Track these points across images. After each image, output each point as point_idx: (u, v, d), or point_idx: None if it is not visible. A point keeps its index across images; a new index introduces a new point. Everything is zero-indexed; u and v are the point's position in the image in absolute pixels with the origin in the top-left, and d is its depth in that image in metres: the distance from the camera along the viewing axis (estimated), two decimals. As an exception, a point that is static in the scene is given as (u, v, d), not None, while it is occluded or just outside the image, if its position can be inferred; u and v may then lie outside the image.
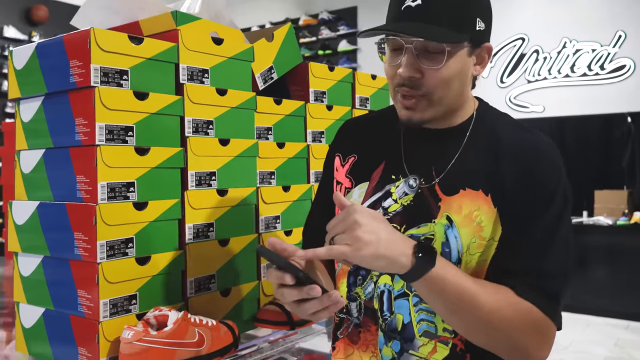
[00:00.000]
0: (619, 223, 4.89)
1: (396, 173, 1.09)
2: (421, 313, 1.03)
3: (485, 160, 1.03)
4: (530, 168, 1.00)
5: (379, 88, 1.92)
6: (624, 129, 5.34)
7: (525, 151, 1.02)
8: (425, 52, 0.98)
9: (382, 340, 1.08)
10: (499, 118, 1.10)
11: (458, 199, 1.02)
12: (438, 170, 1.05)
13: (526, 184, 0.99)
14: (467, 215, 1.01)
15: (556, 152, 1.03)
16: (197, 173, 1.31)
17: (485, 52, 1.04)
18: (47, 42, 1.21)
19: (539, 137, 1.05)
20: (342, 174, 1.18)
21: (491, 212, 1.00)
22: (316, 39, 7.48)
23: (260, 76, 1.54)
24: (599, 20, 5.55)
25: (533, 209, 0.99)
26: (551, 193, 0.99)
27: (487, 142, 1.05)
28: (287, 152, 1.57)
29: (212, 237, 1.34)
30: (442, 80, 0.99)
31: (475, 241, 1.00)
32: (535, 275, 0.97)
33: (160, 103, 1.23)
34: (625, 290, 4.70)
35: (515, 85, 6.03)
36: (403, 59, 0.99)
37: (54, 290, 1.21)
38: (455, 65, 0.99)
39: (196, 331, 1.16)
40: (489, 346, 0.97)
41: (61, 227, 1.17)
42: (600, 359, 3.88)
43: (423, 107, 1.01)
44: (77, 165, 1.16)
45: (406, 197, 1.07)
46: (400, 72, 0.99)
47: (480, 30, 1.00)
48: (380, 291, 1.08)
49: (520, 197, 0.99)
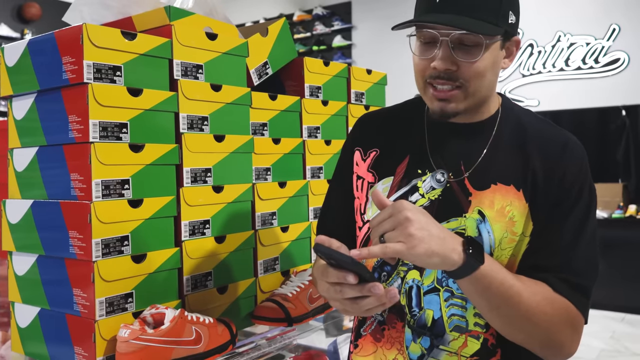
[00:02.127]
0: (614, 216, 4.91)
1: (422, 167, 1.09)
2: (452, 308, 1.03)
3: (514, 155, 1.04)
4: (559, 164, 1.01)
5: (374, 83, 1.91)
6: (618, 122, 5.35)
7: (553, 146, 1.03)
8: (460, 45, 0.98)
9: (410, 337, 1.07)
10: (524, 114, 1.11)
11: (489, 194, 1.02)
12: (467, 165, 1.05)
13: (556, 180, 1.00)
14: (500, 210, 1.01)
15: (582, 148, 1.05)
16: (193, 170, 1.30)
17: (514, 46, 1.05)
18: (39, 39, 1.19)
19: (563, 132, 1.06)
20: (363, 168, 1.17)
21: (523, 208, 1.01)
22: (310, 34, 7.46)
23: (255, 71, 1.53)
24: (593, 13, 5.55)
25: (563, 206, 1.00)
26: (580, 189, 1.01)
27: (514, 137, 1.06)
28: (283, 148, 1.56)
29: (208, 234, 1.33)
30: (477, 73, 0.99)
31: (507, 236, 1.00)
32: (569, 272, 0.98)
33: (154, 99, 1.22)
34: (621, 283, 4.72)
35: (510, 80, 6.03)
36: (438, 52, 0.98)
37: (49, 290, 1.20)
38: (489, 58, 0.99)
39: (193, 329, 1.15)
40: (525, 342, 0.97)
41: (56, 226, 1.16)
42: (596, 351, 3.90)
43: (458, 98, 1.01)
44: (71, 163, 1.15)
45: (433, 191, 1.06)
46: (436, 64, 0.99)
47: (512, 23, 1.01)
48: (409, 287, 1.07)
49: (551, 194, 1.00)
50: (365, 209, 1.13)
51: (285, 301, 1.39)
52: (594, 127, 5.56)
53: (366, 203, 1.14)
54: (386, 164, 1.14)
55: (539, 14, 5.82)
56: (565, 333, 0.96)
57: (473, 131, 1.07)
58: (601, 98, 5.50)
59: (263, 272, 1.49)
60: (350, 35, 7.23)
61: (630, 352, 3.90)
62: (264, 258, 1.49)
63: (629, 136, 5.29)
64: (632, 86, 5.37)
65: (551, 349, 0.97)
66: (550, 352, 0.98)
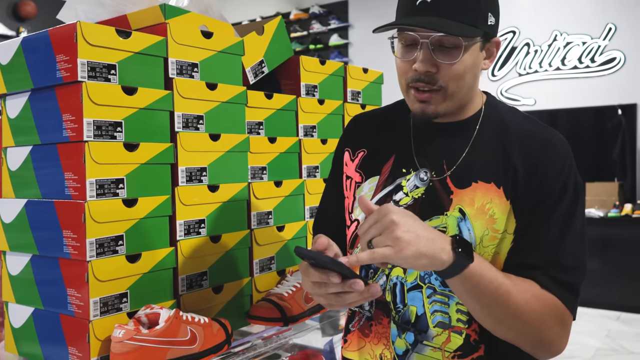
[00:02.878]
0: (610, 215, 4.91)
1: (406, 166, 1.10)
2: (435, 304, 1.04)
3: (495, 153, 1.04)
4: (540, 161, 1.01)
5: (371, 81, 1.91)
6: (614, 122, 5.36)
7: (535, 144, 1.03)
8: (440, 47, 0.99)
9: (395, 332, 1.08)
10: (507, 111, 1.11)
11: (470, 192, 1.03)
12: (449, 164, 1.06)
13: (538, 177, 1.00)
14: (480, 207, 1.02)
15: (565, 144, 1.05)
16: (188, 169, 1.29)
17: (494, 47, 1.06)
18: (33, 37, 1.19)
19: (547, 129, 1.06)
20: (351, 168, 1.19)
21: (504, 205, 1.01)
22: (307, 33, 7.45)
23: (250, 70, 1.52)
24: (589, 13, 5.56)
25: (547, 203, 1.00)
26: (564, 185, 1.00)
27: (496, 135, 1.06)
28: (279, 147, 1.56)
29: (204, 234, 1.33)
30: (457, 75, 1.00)
31: (488, 233, 1.01)
32: (556, 269, 0.98)
33: (149, 98, 1.21)
34: (616, 282, 4.73)
35: (506, 79, 6.03)
36: (419, 54, 1.00)
37: (43, 290, 1.19)
38: (469, 60, 1.00)
39: (188, 329, 1.15)
40: (515, 340, 0.98)
41: (50, 225, 1.15)
42: (592, 350, 3.91)
43: (437, 100, 1.02)
44: (65, 162, 1.14)
45: (417, 190, 1.07)
46: (416, 67, 1.00)
47: (491, 24, 1.02)
48: (393, 284, 1.08)
49: (534, 191, 1.00)
50: (353, 209, 1.15)
51: (281, 300, 1.38)
52: (590, 126, 5.57)
53: (353, 202, 1.15)
54: (373, 163, 1.15)
55: (535, 13, 5.82)
56: (554, 330, 0.97)
57: (456, 130, 1.08)
58: (597, 97, 5.50)
59: (259, 272, 1.48)
60: (346, 34, 7.22)
61: (626, 350, 3.91)
62: (260, 257, 1.49)
63: (625, 135, 5.30)
64: (628, 85, 5.38)
65: (541, 346, 0.97)
66: (540, 350, 0.98)
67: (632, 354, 3.85)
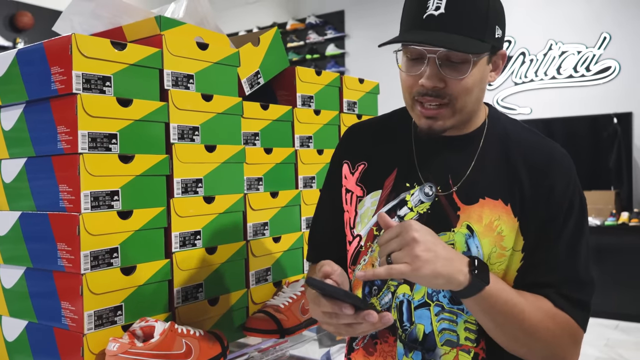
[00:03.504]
0: (607, 223, 4.92)
1: (410, 181, 1.08)
2: (443, 322, 1.03)
3: (501, 167, 1.04)
4: (546, 176, 1.01)
5: (367, 92, 1.91)
6: (610, 130, 5.37)
7: (538, 157, 1.03)
8: (448, 61, 0.97)
9: (402, 351, 1.06)
10: (509, 123, 1.10)
11: (478, 208, 1.02)
12: (455, 179, 1.05)
13: (545, 194, 1.00)
14: (488, 224, 1.01)
15: (568, 159, 1.05)
16: (183, 180, 1.29)
17: (500, 59, 1.04)
18: (28, 49, 1.18)
19: (549, 142, 1.06)
20: (352, 182, 1.16)
21: (511, 222, 1.00)
22: (304, 43, 7.47)
23: (246, 81, 1.52)
24: (584, 22, 5.59)
25: (556, 222, 1.00)
26: (570, 203, 1.01)
27: (500, 148, 1.05)
28: (275, 158, 1.55)
29: (199, 245, 1.32)
30: (465, 89, 0.98)
31: (496, 251, 1.00)
32: (568, 288, 0.99)
33: (144, 110, 1.21)
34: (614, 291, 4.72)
35: (502, 88, 6.05)
36: (426, 69, 0.98)
37: (37, 303, 1.18)
38: (477, 74, 0.99)
39: (183, 342, 1.14)
40: (528, 356, 0.98)
41: (44, 238, 1.14)
42: (591, 359, 3.89)
43: (445, 116, 1.00)
44: (60, 174, 1.13)
45: (422, 205, 1.06)
46: (423, 82, 0.98)
47: (498, 37, 1.00)
48: (400, 301, 1.06)
49: (541, 209, 1.00)
50: (355, 224, 1.13)
51: (278, 312, 1.38)
52: (586, 135, 5.58)
53: (355, 217, 1.13)
54: (374, 177, 1.13)
55: (530, 23, 5.85)
56: (566, 347, 0.98)
57: (460, 144, 1.07)
58: (593, 106, 5.52)
59: (255, 283, 1.47)
60: (343, 44, 7.24)
61: (624, 359, 3.90)
62: (256, 269, 1.48)
63: (620, 144, 5.31)
64: (623, 94, 5.40)
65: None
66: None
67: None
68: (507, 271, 1.01)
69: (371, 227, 1.09)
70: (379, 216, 0.95)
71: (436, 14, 0.95)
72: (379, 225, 1.08)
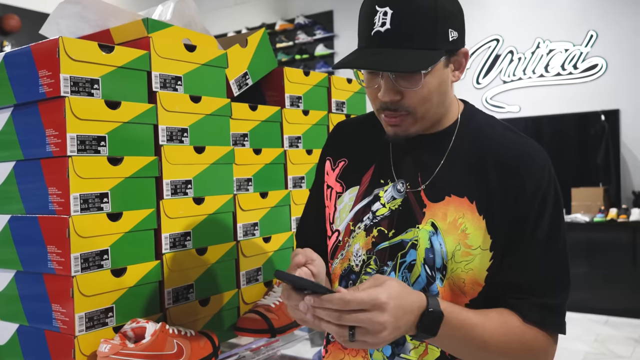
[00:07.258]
0: (596, 220, 4.96)
1: (385, 177, 1.10)
2: None
3: (470, 166, 1.03)
4: (517, 173, 0.99)
5: (355, 92, 1.92)
6: (597, 127, 5.42)
7: (510, 154, 1.01)
8: (402, 74, 0.97)
9: None
10: (484, 121, 1.09)
11: (443, 206, 1.02)
12: (424, 177, 1.05)
13: (515, 191, 0.99)
14: (452, 222, 1.00)
15: (542, 153, 1.03)
16: (173, 182, 1.29)
17: (462, 57, 1.03)
18: (15, 52, 1.19)
19: (524, 139, 1.04)
20: (332, 178, 1.18)
21: (477, 220, 1.00)
22: (293, 43, 7.48)
23: (234, 82, 1.53)
24: (571, 20, 5.64)
25: (528, 220, 0.98)
26: (542, 200, 0.99)
27: (471, 146, 1.05)
28: (264, 158, 1.56)
29: (189, 247, 1.33)
30: (422, 99, 0.98)
31: (461, 249, 0.99)
32: (540, 293, 0.98)
33: (132, 112, 1.21)
34: (603, 286, 4.77)
35: (491, 86, 6.09)
36: (381, 83, 0.98)
37: (27, 306, 1.18)
38: (433, 81, 0.98)
39: (175, 342, 1.15)
40: None
41: (34, 241, 1.14)
42: (580, 354, 3.93)
43: (407, 123, 1.02)
44: (49, 177, 1.13)
45: (394, 201, 1.07)
46: (380, 96, 0.99)
47: (454, 39, 0.99)
48: None
49: (511, 207, 0.98)
50: (334, 219, 1.15)
51: (268, 312, 1.38)
52: (574, 133, 5.63)
53: (334, 213, 1.15)
54: (353, 173, 1.15)
55: (518, 21, 5.89)
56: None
57: (431, 142, 1.07)
58: (581, 103, 5.57)
59: (246, 283, 1.48)
60: (332, 44, 7.26)
61: (614, 354, 3.93)
62: (247, 269, 1.49)
63: (608, 141, 5.36)
64: (611, 91, 5.45)
65: None
66: None
67: (621, 358, 3.87)
68: (474, 270, 0.99)
69: (348, 222, 1.11)
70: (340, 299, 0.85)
71: (382, 30, 0.94)
72: (355, 220, 1.10)
